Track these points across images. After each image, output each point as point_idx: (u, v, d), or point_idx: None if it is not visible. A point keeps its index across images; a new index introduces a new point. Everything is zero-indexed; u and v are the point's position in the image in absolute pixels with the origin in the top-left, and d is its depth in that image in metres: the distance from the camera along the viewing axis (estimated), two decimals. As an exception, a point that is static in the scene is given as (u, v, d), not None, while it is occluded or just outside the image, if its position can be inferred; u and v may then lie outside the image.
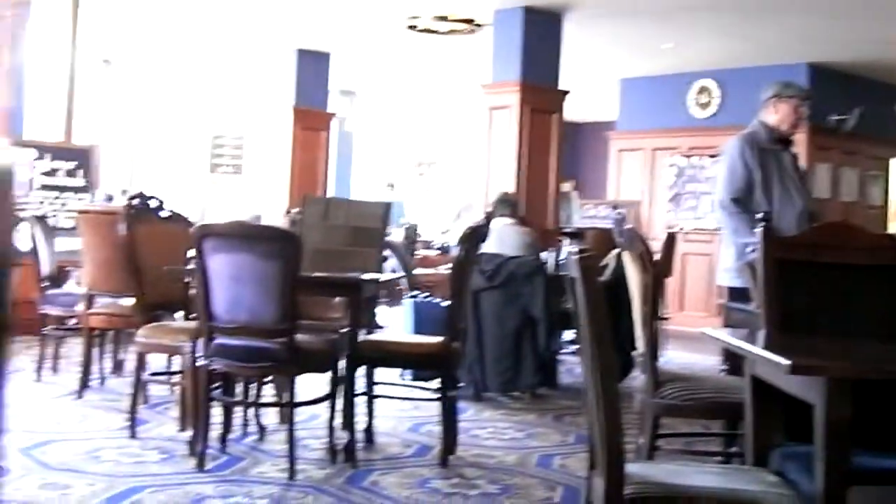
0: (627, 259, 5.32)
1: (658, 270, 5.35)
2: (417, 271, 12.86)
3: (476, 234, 6.64)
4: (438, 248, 16.21)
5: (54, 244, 9.15)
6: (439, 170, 23.22)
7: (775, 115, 7.14)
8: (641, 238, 5.23)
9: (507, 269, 8.74)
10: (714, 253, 14.31)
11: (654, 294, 5.05)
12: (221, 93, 19.35)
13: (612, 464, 3.12)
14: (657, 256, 6.90)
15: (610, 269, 8.37)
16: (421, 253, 15.79)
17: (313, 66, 15.70)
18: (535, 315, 8.74)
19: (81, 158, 12.45)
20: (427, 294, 9.84)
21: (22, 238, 9.54)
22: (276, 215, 13.84)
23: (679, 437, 6.22)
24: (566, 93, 12.65)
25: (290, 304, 5.76)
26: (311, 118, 15.70)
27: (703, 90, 16.29)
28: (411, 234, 15.28)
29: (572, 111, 13.57)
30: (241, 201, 18.40)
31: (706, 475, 3.45)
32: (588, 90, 17.25)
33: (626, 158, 17.27)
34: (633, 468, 3.27)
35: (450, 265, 6.76)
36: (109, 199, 13.13)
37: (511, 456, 6.74)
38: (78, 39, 13.24)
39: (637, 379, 5.42)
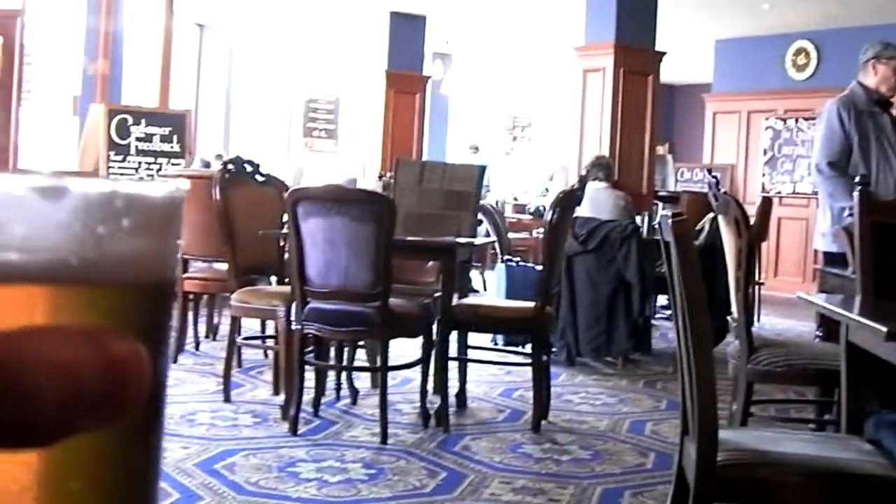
0: (722, 224, 5.26)
1: (753, 235, 5.29)
2: (510, 235, 12.84)
3: (570, 199, 6.60)
4: (531, 212, 16.15)
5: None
6: (533, 132, 23.14)
7: (874, 76, 7.01)
8: (737, 202, 5.17)
9: (601, 234, 8.69)
10: (810, 217, 14.15)
11: (748, 259, 4.99)
12: (315, 57, 19.42)
13: (705, 430, 3.09)
14: (752, 221, 6.82)
15: (704, 234, 8.30)
16: (513, 217, 15.76)
17: (407, 28, 15.69)
18: (628, 279, 8.68)
19: (176, 124, 12.55)
20: (520, 258, 9.82)
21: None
22: (369, 179, 13.88)
23: (773, 403, 6.16)
24: (662, 54, 12.51)
25: (384, 268, 5.77)
26: (405, 81, 15.69)
27: (800, 51, 16.05)
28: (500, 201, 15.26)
29: (668, 73, 13.42)
30: (335, 165, 18.48)
31: (799, 443, 3.41)
32: (684, 51, 17.07)
33: (722, 121, 17.08)
34: (725, 435, 3.24)
35: (543, 229, 6.73)
36: (206, 164, 13.26)
37: (603, 421, 6.72)
38: (173, 4, 13.35)
39: (731, 344, 5.37)
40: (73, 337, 0.38)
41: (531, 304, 6.44)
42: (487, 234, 9.37)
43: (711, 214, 7.87)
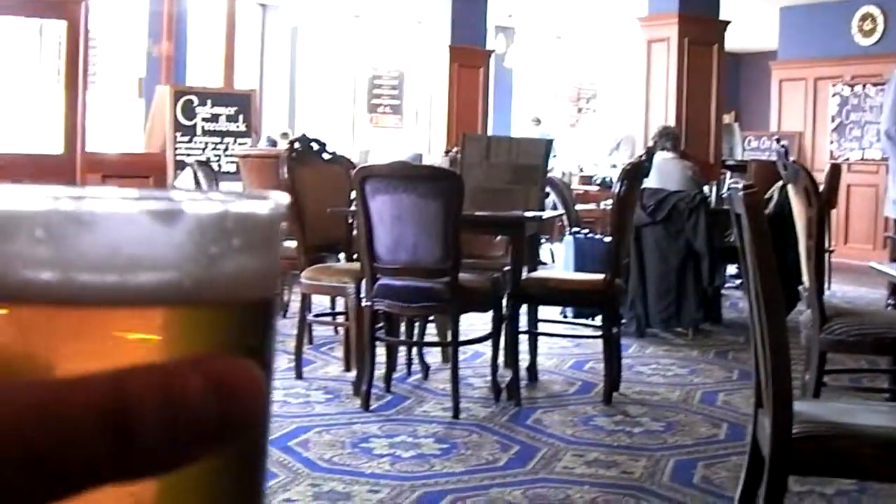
0: (792, 193, 5.22)
1: (822, 203, 5.25)
2: (577, 207, 12.82)
3: (638, 170, 6.59)
4: (598, 184, 16.10)
5: (218, 188, 9.33)
6: (598, 103, 23.04)
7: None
8: (806, 171, 5.13)
9: (669, 204, 8.65)
10: (879, 184, 14.01)
11: (819, 228, 4.96)
12: (378, 33, 19.44)
13: (779, 402, 3.08)
14: (821, 188, 6.77)
15: (773, 202, 8.25)
16: (580, 188, 15.72)
17: (469, 2, 15.66)
18: (697, 250, 8.64)
19: (241, 103, 12.63)
20: (587, 230, 9.80)
21: (186, 183, 9.75)
22: (434, 154, 13.89)
23: (846, 373, 6.13)
24: (727, 23, 12.41)
25: (453, 243, 5.78)
26: (468, 56, 15.66)
27: (866, 17, 15.86)
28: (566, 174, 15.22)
29: (733, 41, 13.30)
30: (400, 141, 18.51)
31: (875, 414, 3.39)
32: (748, 19, 16.91)
33: (788, 89, 16.93)
34: (800, 406, 3.23)
35: (610, 200, 6.72)
36: (273, 143, 13.33)
37: (674, 393, 6.71)
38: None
39: (803, 314, 5.34)
40: (184, 368, 0.39)
41: (601, 276, 6.44)
42: (555, 207, 9.35)
43: (780, 183, 7.80)
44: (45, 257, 0.40)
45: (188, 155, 11.56)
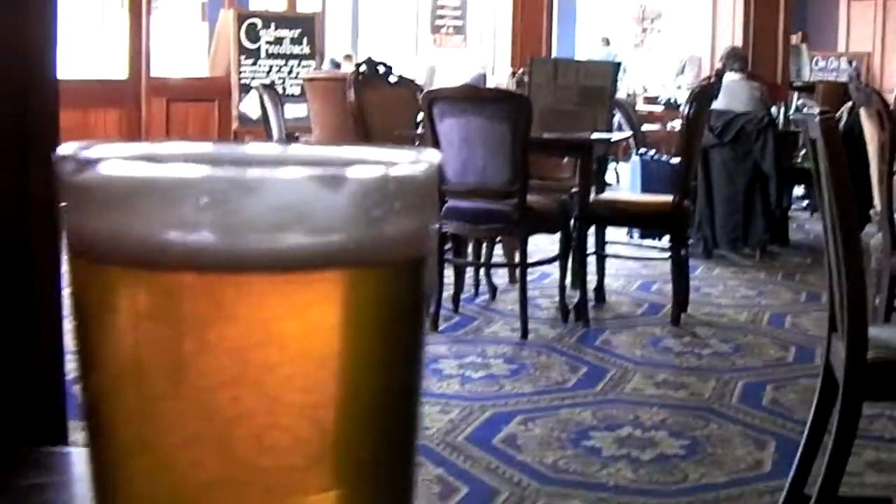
0: (864, 116, 5.17)
1: (894, 126, 5.19)
2: (642, 128, 12.73)
3: (707, 91, 6.54)
4: (662, 104, 15.96)
5: (283, 112, 9.34)
6: (663, 24, 22.78)
7: None
8: (879, 94, 5.07)
9: (737, 126, 8.58)
10: (952, 103, 13.79)
11: (891, 151, 4.91)
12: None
13: (854, 328, 3.08)
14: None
15: (842, 124, 8.16)
16: (644, 109, 15.60)
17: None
18: (765, 171, 8.58)
19: (305, 26, 12.59)
20: (654, 151, 9.75)
21: (251, 106, 9.78)
22: (499, 76, 13.82)
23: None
24: (795, -61, 12.22)
25: (521, 165, 5.78)
26: (533, -25, 15.50)
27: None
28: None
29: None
30: (463, 62, 18.41)
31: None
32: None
33: (857, 8, 16.67)
34: (875, 331, 3.22)
35: (676, 121, 6.68)
36: (336, 65, 13.31)
37: (742, 314, 6.70)
38: None
39: (873, 237, 5.30)
40: None
41: (669, 197, 6.41)
42: (620, 128, 9.31)
43: (849, 104, 7.72)
44: (210, 223, 0.41)
45: (253, 78, 11.55)
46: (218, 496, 0.43)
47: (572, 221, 6.31)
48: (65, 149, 0.44)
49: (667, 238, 6.98)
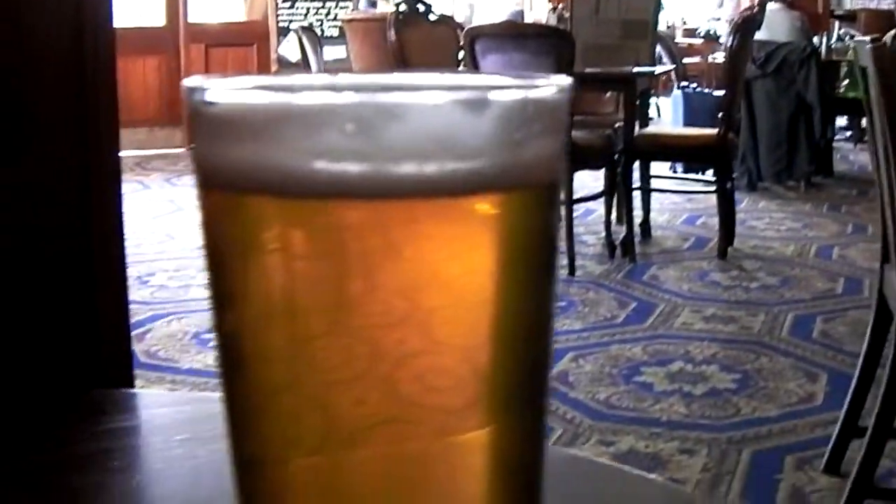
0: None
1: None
2: (684, 61, 12.62)
3: (750, 23, 6.47)
4: (702, 36, 15.82)
5: (322, 53, 9.31)
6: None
7: None
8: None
9: (780, 56, 8.50)
10: None
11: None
12: None
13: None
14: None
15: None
16: (684, 41, 15.47)
17: None
18: (809, 102, 8.50)
19: (343, -35, 12.55)
20: (695, 84, 9.68)
21: (290, 50, 9.74)
22: (536, 12, 13.73)
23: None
24: None
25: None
26: None
27: None
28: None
29: None
30: (502, 0, 18.28)
31: None
32: None
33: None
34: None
35: (717, 53, 6.62)
36: (373, 4, 13.25)
37: (789, 247, 6.67)
38: None
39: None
40: None
41: (713, 130, 6.37)
42: (661, 60, 9.23)
43: (893, 31, 7.62)
44: (355, 151, 0.40)
45: (291, 21, 11.52)
46: (379, 435, 0.43)
47: (616, 156, 6.28)
48: (197, 80, 0.44)
49: (710, 172, 6.94)
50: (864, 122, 7.87)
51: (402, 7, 7.20)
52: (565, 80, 0.45)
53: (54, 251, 1.75)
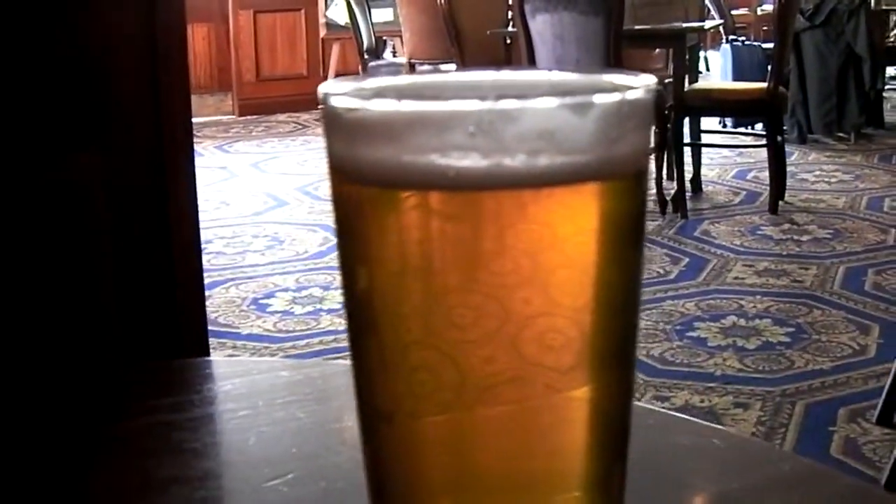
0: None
1: None
2: (732, 13, 12.55)
3: (798, -25, 6.46)
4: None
5: (371, 16, 9.35)
6: None
7: None
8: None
9: (828, 7, 8.46)
10: None
11: None
12: None
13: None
14: None
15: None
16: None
17: None
18: (858, 52, 8.46)
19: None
20: (743, 37, 9.65)
21: (339, 13, 9.78)
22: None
23: None
24: None
25: (615, 59, 5.77)
26: None
27: None
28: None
29: None
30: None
31: None
32: None
33: None
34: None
35: (764, 4, 6.60)
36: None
37: (840, 199, 6.67)
38: None
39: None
40: None
41: (763, 84, 6.36)
42: (709, 14, 9.21)
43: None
44: (478, 148, 0.47)
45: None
46: (503, 393, 0.49)
47: (667, 112, 6.29)
48: (333, 87, 0.50)
49: (760, 125, 6.93)
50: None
51: (451, -32, 7.20)
52: (652, 80, 0.51)
53: (133, 230, 1.82)
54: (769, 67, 6.41)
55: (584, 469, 0.52)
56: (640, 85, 0.50)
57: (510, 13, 6.08)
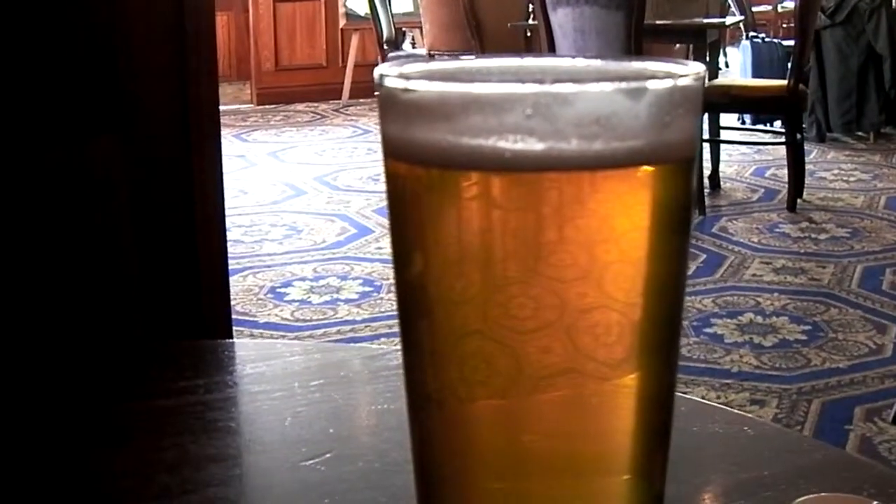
0: None
1: None
2: (753, 9, 12.50)
3: (820, -27, 6.44)
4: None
5: (391, 6, 9.35)
6: None
7: None
8: None
9: (849, 5, 8.43)
10: None
11: None
12: None
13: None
14: None
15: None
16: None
17: None
18: (879, 51, 8.44)
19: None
20: (763, 34, 9.62)
21: (359, 3, 9.78)
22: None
23: None
24: None
25: (636, 52, 5.76)
26: None
27: None
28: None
29: None
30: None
31: None
32: None
33: None
34: None
35: (785, 1, 6.59)
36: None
37: (858, 198, 6.66)
38: None
39: None
40: None
41: (783, 81, 6.35)
42: (729, 10, 9.19)
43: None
44: (535, 131, 0.48)
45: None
46: (558, 384, 0.50)
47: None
48: (389, 69, 0.51)
49: (779, 123, 6.92)
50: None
51: (472, -41, 7.21)
52: (701, 68, 0.52)
53: (156, 212, 1.83)
54: (789, 65, 6.40)
55: (630, 454, 0.53)
56: (690, 73, 0.51)
57: (531, 6, 6.08)
